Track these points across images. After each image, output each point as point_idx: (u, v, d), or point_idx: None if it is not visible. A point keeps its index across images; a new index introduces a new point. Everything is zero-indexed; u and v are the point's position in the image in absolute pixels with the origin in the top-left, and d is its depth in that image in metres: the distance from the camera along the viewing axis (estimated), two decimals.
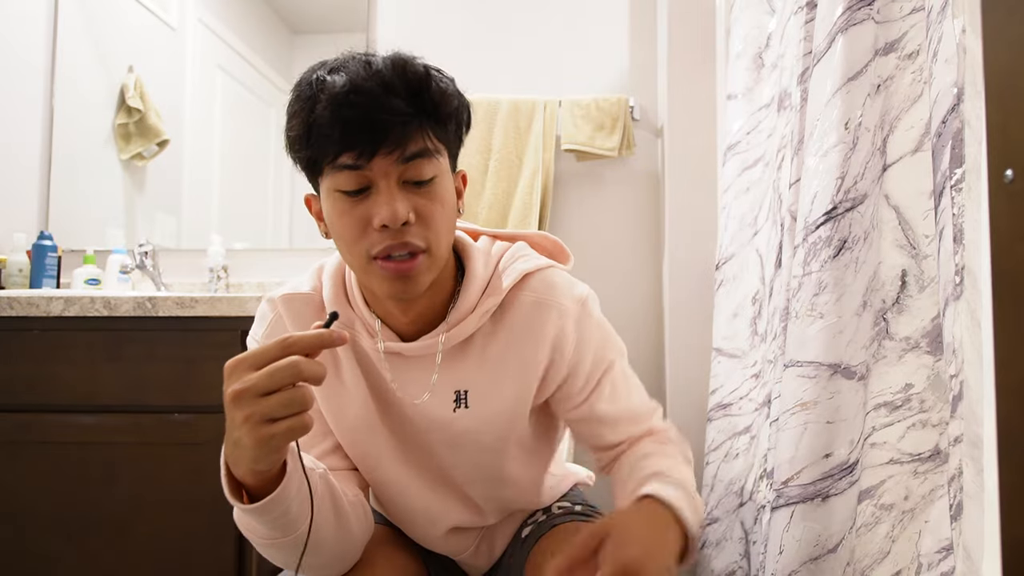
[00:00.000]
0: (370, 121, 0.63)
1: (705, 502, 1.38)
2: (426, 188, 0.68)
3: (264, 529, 0.65)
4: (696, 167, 1.60)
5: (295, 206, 1.85)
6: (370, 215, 0.66)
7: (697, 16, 1.62)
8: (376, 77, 0.64)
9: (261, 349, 0.57)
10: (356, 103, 0.63)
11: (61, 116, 1.84)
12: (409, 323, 0.76)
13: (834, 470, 0.91)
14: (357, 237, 0.67)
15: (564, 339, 0.77)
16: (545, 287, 0.79)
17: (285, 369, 0.55)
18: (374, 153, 0.64)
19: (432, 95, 0.67)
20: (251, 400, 0.56)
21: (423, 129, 0.66)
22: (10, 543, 1.20)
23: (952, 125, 0.73)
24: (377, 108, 0.63)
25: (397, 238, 0.66)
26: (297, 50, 1.86)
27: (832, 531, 0.91)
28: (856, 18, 0.91)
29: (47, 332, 1.21)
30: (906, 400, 0.90)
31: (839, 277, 0.91)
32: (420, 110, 0.66)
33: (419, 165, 0.67)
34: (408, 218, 0.65)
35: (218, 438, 1.22)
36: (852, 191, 0.91)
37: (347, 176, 0.66)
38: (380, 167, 0.65)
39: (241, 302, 1.19)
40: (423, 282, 0.70)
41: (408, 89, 0.65)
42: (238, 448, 0.58)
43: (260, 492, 0.62)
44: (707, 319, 1.51)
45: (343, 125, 0.63)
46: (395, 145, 0.64)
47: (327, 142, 0.64)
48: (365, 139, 0.64)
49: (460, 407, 0.78)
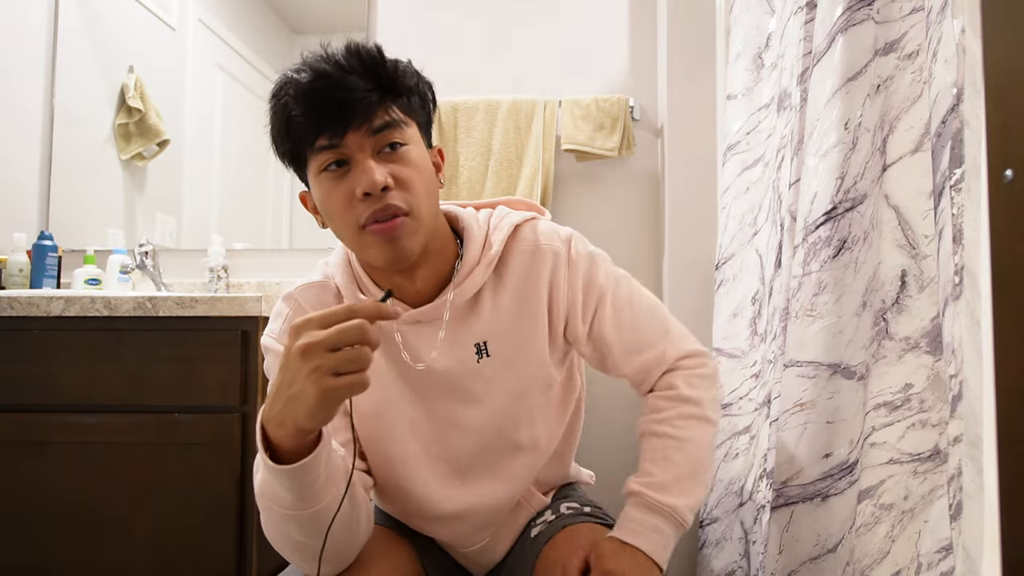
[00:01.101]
0: (336, 101, 0.70)
1: (705, 502, 1.38)
2: (399, 155, 0.74)
3: (290, 497, 0.67)
4: (696, 167, 1.60)
5: (295, 206, 1.85)
6: (352, 186, 0.72)
7: (697, 16, 1.62)
8: (332, 62, 0.71)
9: (327, 311, 0.61)
10: (320, 88, 0.70)
11: (61, 116, 1.84)
12: (416, 292, 0.82)
13: (834, 470, 0.91)
14: (345, 210, 0.73)
15: (557, 277, 0.84)
16: (534, 235, 0.86)
17: (353, 328, 0.59)
18: (346, 130, 0.71)
19: (387, 71, 0.73)
20: (319, 354, 0.58)
21: (385, 102, 0.73)
22: (10, 543, 1.20)
23: (952, 125, 0.73)
24: (339, 88, 0.70)
25: (380, 202, 0.72)
26: (297, 50, 1.86)
27: (832, 531, 0.91)
28: (856, 18, 0.91)
29: (47, 332, 1.21)
30: (906, 400, 0.90)
31: (839, 277, 0.91)
32: (379, 85, 0.72)
33: (389, 135, 0.73)
34: (387, 182, 0.72)
35: (218, 438, 1.23)
36: (852, 191, 0.91)
37: (327, 155, 0.73)
38: (354, 141, 0.72)
39: (241, 302, 1.19)
40: (412, 244, 0.75)
41: (364, 67, 0.72)
42: (295, 402, 0.60)
43: (294, 457, 0.64)
44: (707, 319, 1.51)
45: (314, 111, 0.71)
46: (363, 119, 0.71)
47: (302, 130, 0.72)
48: (334, 119, 0.71)
49: (483, 357, 0.83)
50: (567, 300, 0.85)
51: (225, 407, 1.19)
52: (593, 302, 0.86)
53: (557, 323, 0.85)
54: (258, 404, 1.20)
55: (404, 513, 0.90)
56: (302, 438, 0.63)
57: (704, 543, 1.36)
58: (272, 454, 0.65)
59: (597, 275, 0.86)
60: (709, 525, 1.35)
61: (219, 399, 1.19)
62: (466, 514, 0.87)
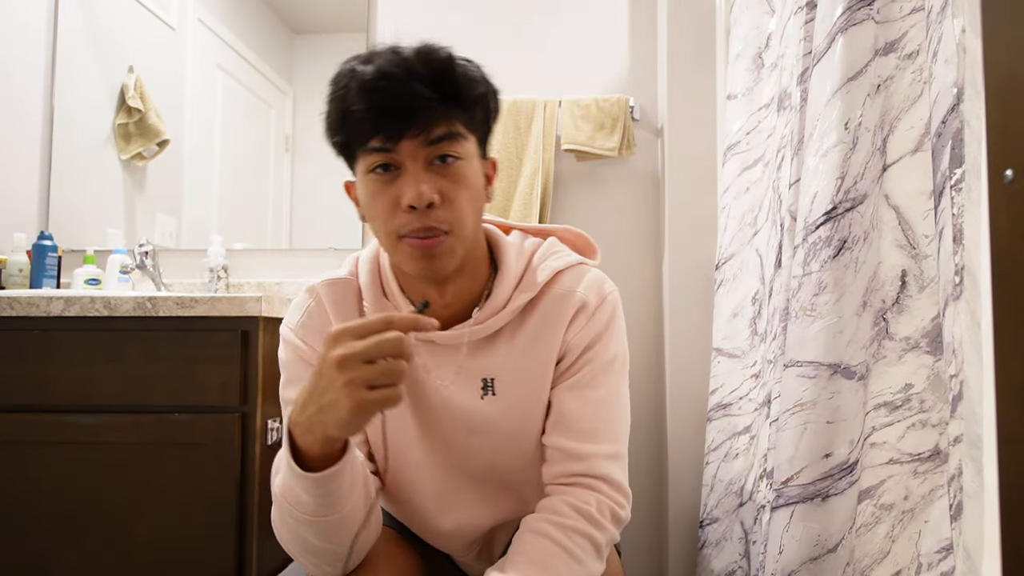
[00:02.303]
0: (397, 106, 0.67)
1: (705, 502, 1.38)
2: (451, 169, 0.71)
3: (312, 503, 0.66)
4: (696, 167, 1.60)
5: (295, 206, 1.85)
6: (399, 195, 0.70)
7: (697, 16, 1.62)
8: (402, 64, 0.68)
9: (364, 322, 0.61)
10: (383, 88, 0.67)
11: (61, 116, 1.84)
12: (444, 307, 0.79)
13: (834, 470, 0.91)
14: (387, 216, 0.71)
15: (574, 325, 0.80)
16: (573, 282, 0.81)
17: (391, 341, 0.59)
18: (401, 136, 0.68)
19: (456, 80, 0.70)
20: (356, 365, 0.59)
21: (448, 113, 0.70)
22: (10, 543, 1.20)
23: (952, 125, 0.73)
24: (403, 93, 0.67)
25: (422, 221, 0.70)
26: (297, 50, 1.86)
27: (832, 531, 0.91)
28: (856, 18, 0.91)
29: (47, 332, 1.21)
30: (906, 400, 0.90)
31: (839, 277, 0.91)
32: (444, 95, 0.69)
33: (445, 147, 0.70)
34: (433, 199, 0.69)
35: (218, 438, 1.23)
36: (852, 191, 0.91)
37: (377, 157, 0.70)
38: (407, 149, 0.69)
39: (241, 302, 1.19)
40: (448, 262, 0.73)
41: (432, 75, 0.68)
42: (328, 411, 0.60)
43: (320, 463, 0.64)
44: (707, 319, 1.51)
45: (372, 110, 0.68)
46: (421, 128, 0.68)
47: (358, 127, 0.69)
48: (393, 123, 0.68)
49: (487, 394, 0.80)
50: (567, 350, 0.80)
51: (225, 407, 1.19)
52: (581, 363, 0.80)
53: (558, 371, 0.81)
54: (258, 404, 1.20)
55: (405, 516, 0.90)
56: (330, 446, 0.63)
57: (704, 543, 1.36)
58: (297, 459, 0.64)
59: (605, 343, 0.81)
60: (709, 525, 1.35)
61: (219, 399, 1.19)
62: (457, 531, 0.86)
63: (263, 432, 1.21)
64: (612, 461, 0.79)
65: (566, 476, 0.78)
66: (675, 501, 1.54)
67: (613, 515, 0.77)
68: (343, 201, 0.83)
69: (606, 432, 0.79)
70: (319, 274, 0.87)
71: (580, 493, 0.76)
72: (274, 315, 1.22)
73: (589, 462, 0.77)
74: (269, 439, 1.22)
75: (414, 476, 0.84)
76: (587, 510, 0.75)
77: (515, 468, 0.83)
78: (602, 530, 0.75)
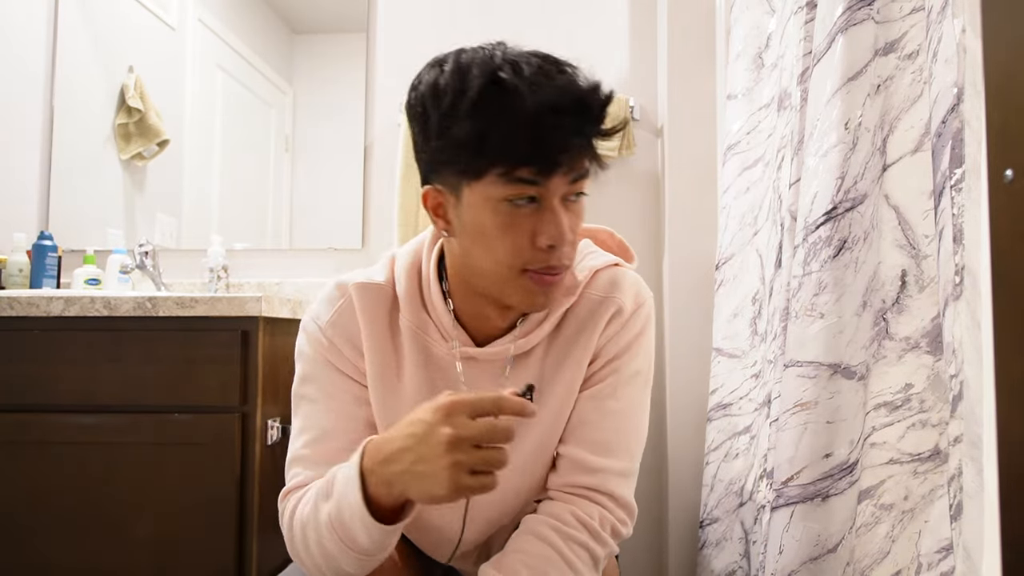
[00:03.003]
0: (564, 143, 0.63)
1: (705, 502, 1.38)
2: (579, 206, 0.69)
3: (371, 546, 0.65)
4: (696, 167, 1.60)
5: (295, 206, 1.85)
6: (537, 231, 0.66)
7: (697, 16, 1.62)
8: (572, 95, 0.63)
9: (477, 400, 0.59)
10: (555, 125, 0.61)
11: (61, 116, 1.84)
12: (495, 326, 0.77)
13: (834, 470, 0.91)
14: (516, 249, 0.66)
15: (608, 331, 0.78)
16: (610, 285, 0.79)
17: (503, 432, 0.58)
18: (553, 172, 0.64)
19: (612, 119, 0.66)
20: (466, 449, 0.57)
21: (592, 151, 0.66)
22: (10, 543, 1.20)
23: (952, 125, 0.73)
24: (574, 131, 0.63)
25: (557, 259, 0.67)
26: (297, 50, 1.86)
27: (832, 531, 0.91)
28: (856, 18, 0.91)
29: (47, 332, 1.21)
30: (906, 400, 0.90)
31: (839, 277, 0.91)
32: (600, 133, 0.66)
33: (581, 185, 0.68)
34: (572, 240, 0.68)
35: (218, 438, 1.23)
36: (852, 191, 0.91)
37: (521, 189, 0.64)
38: (555, 185, 0.65)
39: (241, 302, 1.18)
40: (561, 295, 0.73)
41: (600, 114, 0.65)
42: (420, 480, 0.59)
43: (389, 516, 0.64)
44: (707, 319, 1.51)
45: (534, 143, 0.62)
46: (571, 166, 0.64)
47: (510, 153, 0.62)
48: (553, 158, 0.63)
49: None
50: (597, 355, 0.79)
51: (225, 407, 1.19)
52: (607, 372, 0.79)
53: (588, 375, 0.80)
54: (258, 404, 1.20)
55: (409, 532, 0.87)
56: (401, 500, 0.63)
57: (704, 543, 1.36)
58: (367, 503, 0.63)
59: (633, 354, 0.79)
60: (709, 525, 1.35)
61: (219, 399, 1.19)
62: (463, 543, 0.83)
63: (263, 432, 1.21)
64: (622, 479, 0.77)
65: (574, 487, 0.77)
66: (675, 501, 1.54)
67: (614, 531, 0.76)
68: (343, 201, 0.82)
69: (620, 448, 0.78)
70: (319, 274, 0.86)
71: (585, 505, 0.75)
72: (274, 315, 1.22)
73: (600, 476, 0.76)
74: (269, 439, 1.22)
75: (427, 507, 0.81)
76: (591, 523, 0.74)
77: (530, 480, 0.81)
78: (603, 544, 0.74)
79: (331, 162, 1.81)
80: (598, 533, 0.74)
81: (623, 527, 0.77)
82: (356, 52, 1.80)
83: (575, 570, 0.71)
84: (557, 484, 0.78)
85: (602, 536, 0.74)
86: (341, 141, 1.79)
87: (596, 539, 0.74)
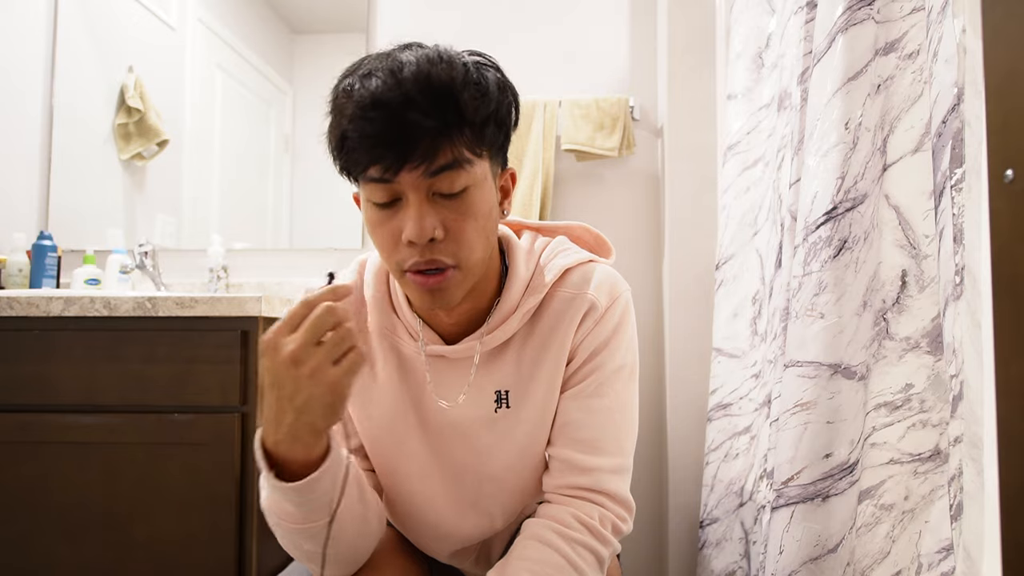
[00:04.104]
0: (394, 136, 0.62)
1: (705, 502, 1.38)
2: (457, 201, 0.66)
3: (299, 512, 0.66)
4: (696, 167, 1.60)
5: (295, 206, 1.85)
6: (399, 227, 0.66)
7: (697, 16, 1.62)
8: (398, 88, 0.62)
9: (287, 316, 0.60)
10: (377, 119, 0.62)
11: (61, 116, 1.84)
12: (452, 324, 0.77)
13: (834, 470, 0.91)
14: (390, 249, 0.68)
15: (583, 327, 0.77)
16: (582, 282, 0.78)
17: (324, 316, 0.59)
18: (401, 167, 0.63)
19: (460, 103, 0.63)
20: (308, 353, 0.59)
21: (453, 140, 0.64)
22: (10, 543, 1.20)
23: (952, 125, 0.73)
24: (399, 123, 0.61)
25: (425, 255, 0.66)
26: (297, 50, 1.86)
27: (832, 531, 0.91)
28: (856, 18, 0.91)
29: (47, 332, 1.21)
30: (906, 400, 0.90)
31: (839, 277, 0.91)
32: (447, 122, 0.63)
33: (449, 178, 0.65)
34: (435, 235, 0.65)
35: (218, 438, 1.23)
36: (852, 191, 0.91)
37: (376, 188, 0.65)
38: (408, 180, 0.64)
39: (241, 302, 1.18)
40: (455, 295, 0.69)
41: (434, 102, 0.62)
42: (308, 409, 0.60)
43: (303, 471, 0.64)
44: (707, 319, 1.51)
45: (368, 139, 0.62)
46: (422, 159, 0.63)
47: (355, 155, 0.64)
48: (391, 154, 0.62)
49: (502, 407, 0.78)
50: (575, 352, 0.78)
51: (225, 407, 1.19)
52: (588, 370, 0.78)
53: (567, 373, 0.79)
54: (258, 404, 1.20)
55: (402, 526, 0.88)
56: (314, 451, 0.63)
57: (704, 543, 1.36)
58: (278, 472, 0.64)
59: (613, 349, 0.78)
60: (709, 525, 1.35)
61: (219, 399, 1.19)
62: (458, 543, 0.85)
63: None
64: (617, 476, 0.77)
65: (570, 488, 0.76)
66: (675, 501, 1.54)
67: (615, 528, 0.76)
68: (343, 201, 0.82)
69: (611, 444, 0.77)
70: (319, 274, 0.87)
71: (584, 506, 0.75)
72: (274, 315, 1.22)
73: (594, 476, 0.76)
74: None
75: (417, 502, 0.82)
76: (592, 524, 0.73)
77: (523, 480, 0.81)
78: (605, 544, 0.74)
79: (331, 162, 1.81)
80: (600, 533, 0.74)
81: (623, 524, 0.77)
82: (356, 52, 1.78)
83: (580, 572, 0.71)
84: (552, 486, 0.78)
85: (604, 535, 0.74)
86: None
87: (599, 539, 0.73)
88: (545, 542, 0.72)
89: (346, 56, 0.72)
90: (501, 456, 0.79)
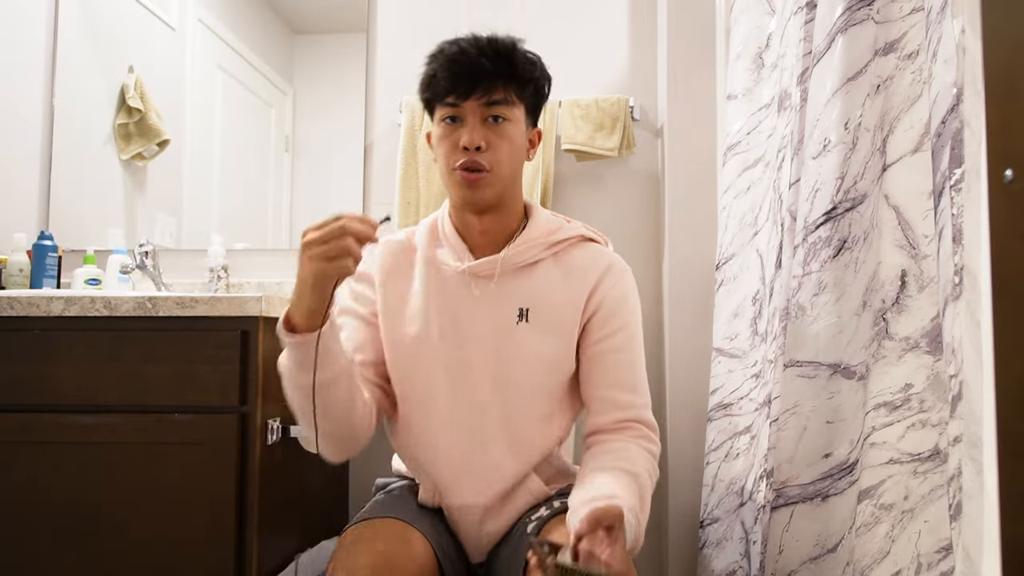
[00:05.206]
0: (467, 75, 0.92)
1: (705, 502, 1.38)
2: (500, 126, 0.95)
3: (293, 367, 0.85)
4: (696, 167, 1.60)
5: (295, 206, 1.85)
6: (458, 138, 0.93)
7: (697, 16, 1.62)
8: (476, 46, 0.94)
9: (322, 220, 0.80)
10: (459, 61, 0.93)
11: (61, 116, 1.84)
12: (481, 233, 1.00)
13: (834, 470, 0.91)
14: (448, 152, 0.95)
15: (604, 280, 0.99)
16: (601, 247, 1.04)
17: (335, 227, 0.79)
18: (467, 97, 0.93)
19: (515, 63, 0.95)
20: (313, 246, 0.79)
21: (505, 85, 0.94)
22: (10, 543, 1.20)
23: (952, 125, 0.73)
24: (473, 65, 0.92)
25: (471, 157, 0.93)
26: (297, 50, 1.86)
27: (832, 531, 0.91)
28: (856, 18, 0.91)
29: (47, 332, 1.21)
30: (906, 400, 0.90)
31: (839, 277, 0.91)
32: (504, 73, 0.93)
33: (497, 109, 0.94)
34: (481, 144, 0.92)
35: (218, 438, 1.23)
36: (852, 191, 0.91)
37: (448, 110, 0.95)
38: (470, 107, 0.94)
39: (241, 302, 1.18)
40: (486, 194, 0.95)
41: (496, 56, 0.93)
42: (302, 285, 0.81)
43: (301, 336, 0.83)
44: (707, 319, 1.51)
45: (450, 77, 0.93)
46: (483, 93, 0.93)
47: (439, 87, 0.94)
48: (462, 87, 0.92)
49: (522, 321, 0.98)
50: (598, 302, 0.99)
51: (225, 407, 1.19)
52: (614, 324, 0.99)
53: (586, 317, 0.99)
54: (258, 404, 1.20)
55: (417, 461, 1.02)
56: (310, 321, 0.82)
57: (704, 543, 1.36)
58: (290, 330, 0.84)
59: (631, 306, 1.01)
60: (709, 525, 1.35)
61: (219, 399, 1.19)
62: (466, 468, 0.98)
63: (263, 432, 1.21)
64: (647, 409, 1.01)
65: (616, 422, 0.98)
66: (675, 501, 1.54)
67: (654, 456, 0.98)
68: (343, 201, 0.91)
69: (640, 387, 1.01)
70: None
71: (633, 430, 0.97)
72: (274, 315, 1.22)
73: (635, 410, 0.99)
74: (269, 439, 1.22)
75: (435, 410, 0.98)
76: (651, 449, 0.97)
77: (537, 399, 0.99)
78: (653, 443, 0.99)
79: (331, 162, 1.81)
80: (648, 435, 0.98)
81: (656, 447, 0.99)
82: (356, 52, 1.80)
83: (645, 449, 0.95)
84: (599, 424, 0.98)
85: (652, 437, 0.98)
86: (341, 141, 1.79)
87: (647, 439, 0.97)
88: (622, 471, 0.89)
89: (346, 56, 0.76)
90: (519, 364, 0.97)
